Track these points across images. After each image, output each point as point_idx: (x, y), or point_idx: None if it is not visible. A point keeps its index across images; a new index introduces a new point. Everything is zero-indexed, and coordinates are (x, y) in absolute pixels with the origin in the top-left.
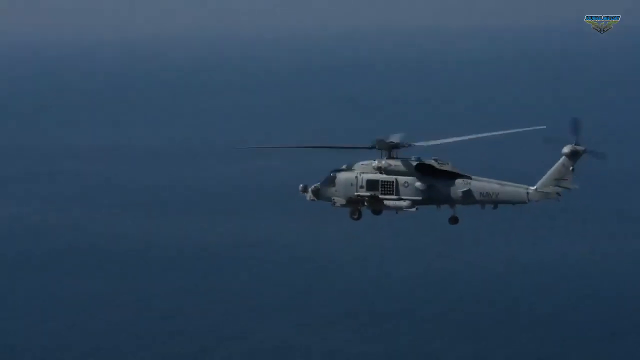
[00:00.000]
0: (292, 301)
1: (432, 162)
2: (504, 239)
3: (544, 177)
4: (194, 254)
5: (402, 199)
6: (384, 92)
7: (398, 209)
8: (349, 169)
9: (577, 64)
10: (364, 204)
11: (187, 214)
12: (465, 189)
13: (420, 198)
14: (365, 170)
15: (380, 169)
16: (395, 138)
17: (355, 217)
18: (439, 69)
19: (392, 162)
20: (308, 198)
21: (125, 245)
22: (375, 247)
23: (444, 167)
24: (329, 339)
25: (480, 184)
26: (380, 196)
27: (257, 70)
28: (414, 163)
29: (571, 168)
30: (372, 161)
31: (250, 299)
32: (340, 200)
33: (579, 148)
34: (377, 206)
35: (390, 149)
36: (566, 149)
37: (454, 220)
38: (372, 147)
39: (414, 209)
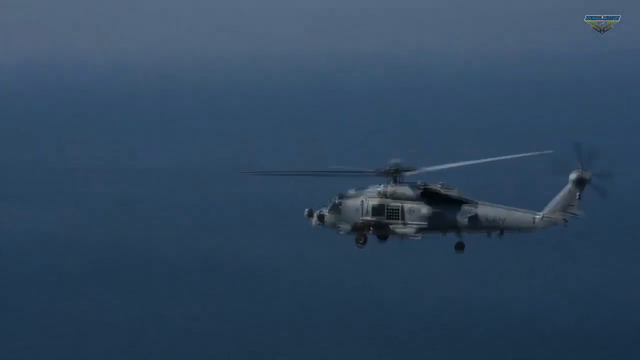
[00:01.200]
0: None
1: (438, 188)
2: (517, 263)
3: (551, 203)
4: (229, 273)
5: (407, 225)
6: (388, 116)
7: (403, 235)
8: (355, 194)
9: (582, 83)
10: (369, 230)
11: (218, 233)
12: (471, 215)
13: (426, 224)
14: (370, 196)
15: (385, 195)
16: (400, 163)
17: (361, 242)
18: (444, 92)
19: (398, 188)
20: (313, 223)
21: (158, 263)
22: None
23: (450, 193)
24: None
25: (487, 210)
26: (385, 222)
27: (266, 91)
28: (420, 189)
29: (578, 194)
30: (378, 187)
31: (286, 319)
32: (345, 226)
33: (586, 175)
34: (382, 232)
35: (396, 175)
36: (573, 175)
37: (460, 246)
38: (378, 173)
39: (419, 237)
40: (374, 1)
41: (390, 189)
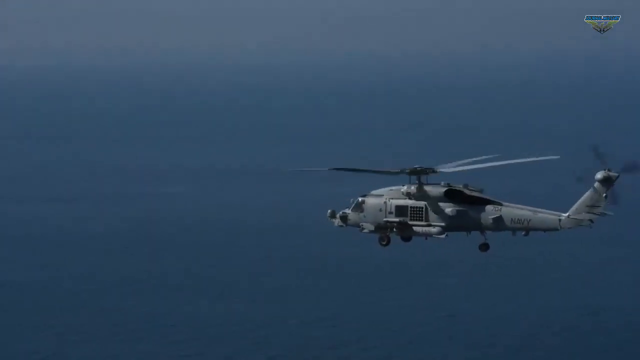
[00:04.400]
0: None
1: (462, 188)
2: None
3: (577, 204)
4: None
5: (431, 225)
6: (406, 117)
7: (427, 235)
8: (377, 194)
9: (591, 86)
10: (392, 230)
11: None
12: (496, 216)
13: (449, 224)
14: (394, 196)
15: (409, 195)
16: (424, 163)
17: (384, 243)
18: (458, 94)
19: (421, 188)
20: (336, 224)
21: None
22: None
23: (474, 193)
24: None
25: (512, 211)
26: (409, 222)
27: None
28: (444, 189)
29: (604, 195)
30: (401, 186)
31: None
32: (368, 226)
33: (613, 174)
34: (406, 232)
35: (419, 175)
36: (599, 175)
37: (484, 247)
38: (401, 173)
39: (443, 236)
40: (399, 3)
41: (413, 189)
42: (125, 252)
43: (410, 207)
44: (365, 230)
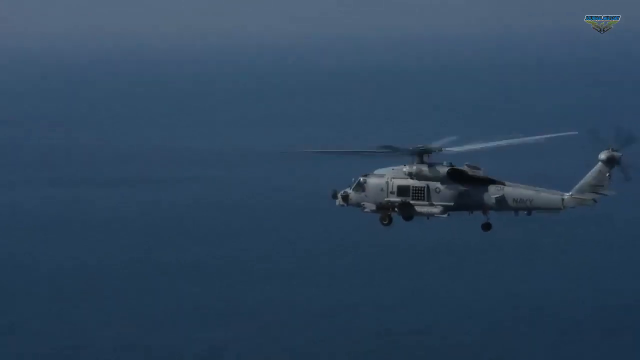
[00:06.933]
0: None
1: (465, 168)
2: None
3: (580, 183)
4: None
5: (433, 205)
6: (412, 98)
7: (429, 215)
8: (379, 174)
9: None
10: (394, 210)
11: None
12: (498, 195)
13: (452, 204)
14: (395, 176)
15: (411, 175)
16: (426, 143)
17: (386, 222)
18: (461, 76)
19: (424, 168)
20: (337, 203)
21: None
22: None
23: (477, 173)
24: None
25: (514, 190)
26: (411, 202)
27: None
28: (446, 168)
29: (608, 174)
30: (403, 166)
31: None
32: (370, 206)
33: (616, 154)
34: (407, 212)
35: (421, 154)
36: (603, 155)
37: (486, 227)
38: (404, 152)
39: (445, 215)
40: None
41: (415, 168)
42: (183, 236)
43: (412, 187)
44: (366, 210)
